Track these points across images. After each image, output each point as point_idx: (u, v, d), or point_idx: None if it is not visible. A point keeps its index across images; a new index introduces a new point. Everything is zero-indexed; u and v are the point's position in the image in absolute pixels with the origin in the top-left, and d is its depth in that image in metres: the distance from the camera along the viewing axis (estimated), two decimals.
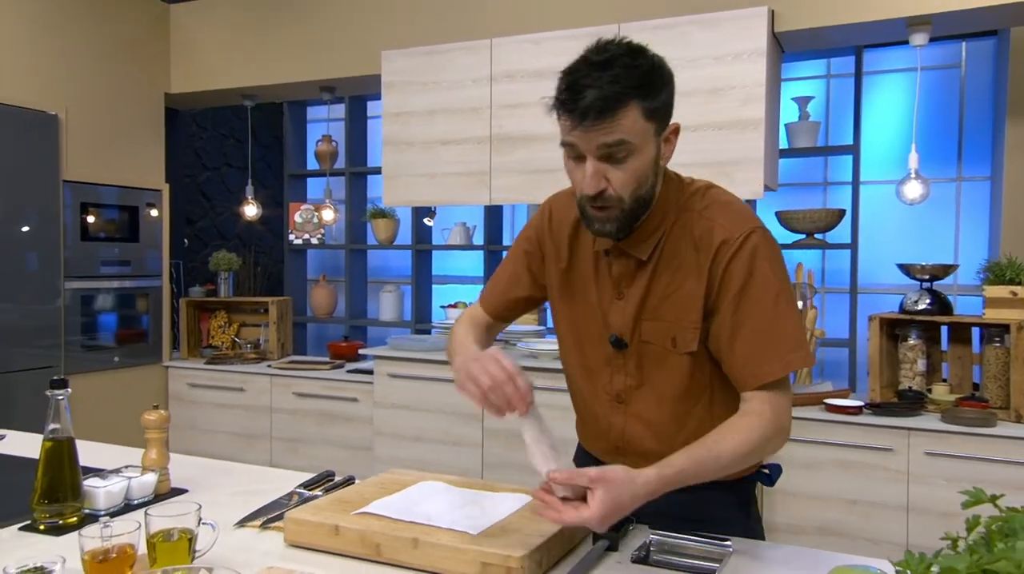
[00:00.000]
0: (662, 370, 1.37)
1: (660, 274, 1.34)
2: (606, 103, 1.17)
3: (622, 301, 1.38)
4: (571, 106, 1.20)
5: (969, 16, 2.85)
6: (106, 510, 1.45)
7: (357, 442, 3.71)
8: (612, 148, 1.20)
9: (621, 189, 1.24)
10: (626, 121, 1.19)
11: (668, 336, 1.34)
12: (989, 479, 2.66)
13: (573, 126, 1.21)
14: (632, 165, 1.23)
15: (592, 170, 1.22)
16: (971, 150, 3.76)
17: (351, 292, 4.73)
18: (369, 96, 4.75)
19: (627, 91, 1.18)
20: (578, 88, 1.19)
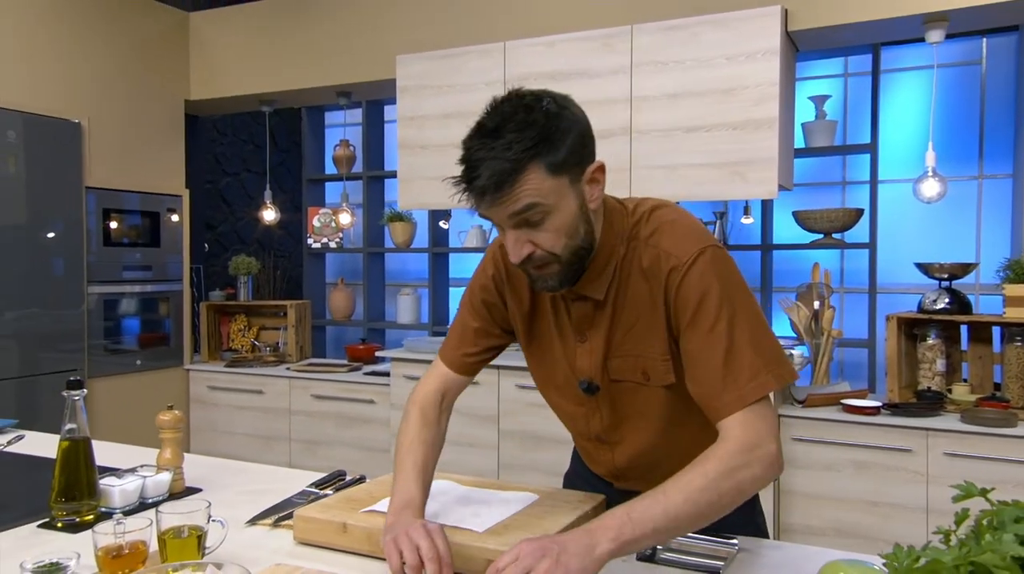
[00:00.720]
0: (637, 405, 1.32)
1: (620, 311, 1.27)
2: (502, 177, 1.11)
3: (586, 343, 1.31)
4: (468, 187, 1.15)
5: (987, 11, 2.82)
6: (121, 508, 1.48)
7: (374, 443, 3.73)
8: (524, 215, 1.14)
9: (551, 247, 1.17)
10: (529, 186, 1.12)
11: (638, 370, 1.28)
12: (1010, 480, 2.62)
13: (478, 204, 1.16)
14: (553, 223, 1.16)
15: (512, 240, 1.17)
16: (992, 147, 3.72)
17: (369, 295, 4.77)
18: (386, 100, 4.78)
19: (522, 156, 1.11)
20: (473, 165, 1.14)
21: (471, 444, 3.43)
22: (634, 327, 1.26)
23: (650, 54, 3.12)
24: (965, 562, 0.59)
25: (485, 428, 3.41)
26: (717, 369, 1.16)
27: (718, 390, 1.15)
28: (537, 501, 1.40)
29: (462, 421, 3.45)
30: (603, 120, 3.21)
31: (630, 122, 3.16)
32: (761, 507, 1.52)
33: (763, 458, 1.11)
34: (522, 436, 3.33)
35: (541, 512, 1.35)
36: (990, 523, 0.64)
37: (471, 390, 3.42)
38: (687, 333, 1.19)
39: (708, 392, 1.17)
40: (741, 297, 1.20)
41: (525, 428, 3.32)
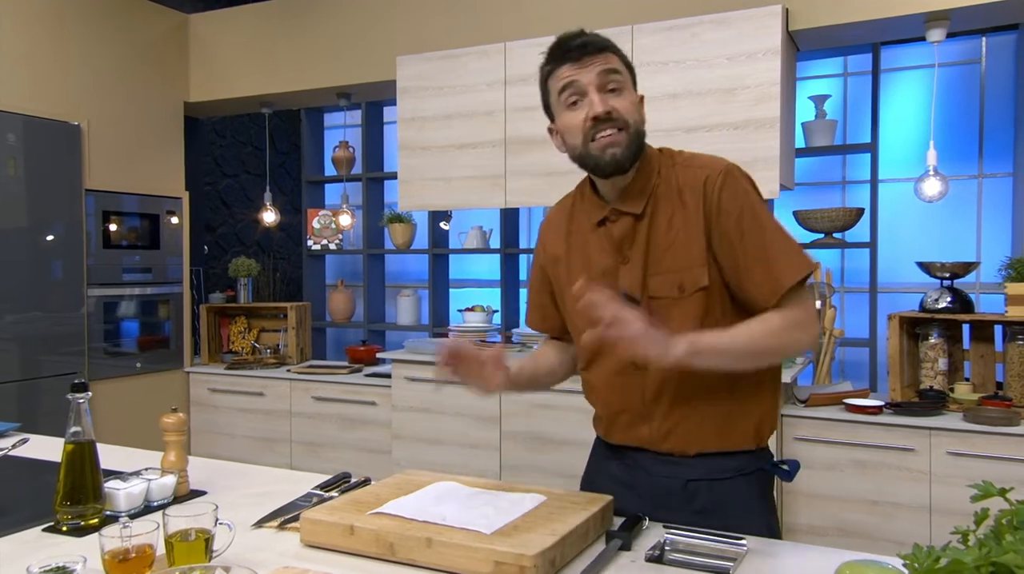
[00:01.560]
0: (673, 321, 1.39)
1: (656, 227, 1.42)
2: (596, 42, 1.38)
3: (627, 264, 1.44)
4: (567, 47, 1.38)
5: (988, 10, 2.82)
6: (127, 511, 1.47)
7: (376, 445, 3.73)
8: (609, 76, 1.36)
9: (625, 112, 1.37)
10: (612, 59, 1.38)
11: (674, 285, 1.40)
12: (1014, 479, 2.62)
13: (571, 67, 1.37)
14: (628, 96, 1.39)
15: (597, 96, 1.36)
16: (992, 146, 3.72)
17: (369, 297, 4.76)
18: (385, 102, 4.77)
19: (606, 41, 1.40)
20: (568, 39, 1.39)
21: (473, 445, 3.42)
22: (672, 246, 1.40)
23: (650, 54, 3.12)
24: (986, 562, 0.58)
25: (487, 429, 3.40)
26: (770, 249, 1.35)
27: (775, 268, 1.35)
28: (544, 502, 1.39)
29: (463, 422, 3.44)
30: None
31: None
32: (775, 506, 1.53)
33: (811, 332, 1.38)
34: (525, 437, 3.32)
35: (548, 513, 1.34)
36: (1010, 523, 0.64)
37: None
38: (735, 229, 1.36)
39: (765, 271, 1.35)
40: (763, 203, 1.41)
41: (528, 429, 3.32)
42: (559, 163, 3.29)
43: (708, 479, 1.45)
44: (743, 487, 1.45)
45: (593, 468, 1.65)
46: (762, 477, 1.49)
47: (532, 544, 1.19)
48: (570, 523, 1.29)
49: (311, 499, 1.56)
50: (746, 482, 1.46)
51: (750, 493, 1.46)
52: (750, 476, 1.46)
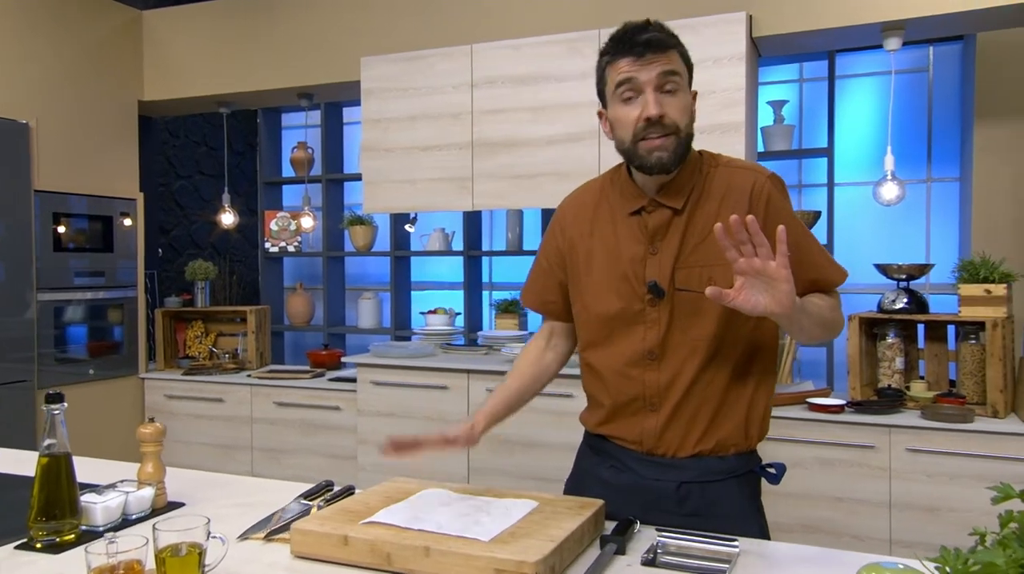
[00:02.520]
0: (696, 316, 1.43)
1: (693, 223, 1.44)
2: (660, 40, 1.38)
3: (657, 255, 1.45)
4: (631, 42, 1.38)
5: (941, 21, 2.91)
6: (104, 526, 1.43)
7: (340, 451, 3.68)
8: (668, 77, 1.37)
9: (677, 117, 1.38)
10: (674, 59, 1.39)
11: (704, 279, 1.41)
12: (969, 474, 2.71)
13: (632, 62, 1.37)
14: (682, 98, 1.40)
15: (652, 97, 1.36)
16: (940, 152, 3.84)
17: (329, 300, 4.70)
18: (345, 102, 4.72)
19: (671, 38, 1.40)
20: (633, 32, 1.39)
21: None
22: (706, 242, 1.42)
23: None
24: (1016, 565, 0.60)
25: None
26: (817, 260, 1.44)
27: (824, 269, 1.45)
28: (537, 508, 1.39)
29: (432, 426, 3.42)
30: (571, 124, 3.22)
31: (598, 126, 3.17)
32: (763, 508, 1.55)
33: (840, 325, 1.48)
34: (492, 441, 3.31)
35: (543, 519, 1.34)
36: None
37: (440, 395, 3.40)
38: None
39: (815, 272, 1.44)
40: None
41: (496, 432, 3.29)
42: (527, 166, 3.32)
43: (700, 482, 1.46)
44: (734, 489, 1.47)
45: (580, 471, 1.65)
46: (752, 479, 1.52)
47: (532, 550, 1.19)
48: (566, 528, 1.29)
49: (296, 509, 1.53)
50: (737, 484, 1.48)
51: (741, 495, 1.48)
52: (741, 478, 1.49)
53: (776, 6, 3.01)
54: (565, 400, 3.16)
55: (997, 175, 3.42)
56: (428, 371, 3.42)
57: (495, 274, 4.68)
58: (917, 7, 2.84)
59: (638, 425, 1.49)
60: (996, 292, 2.88)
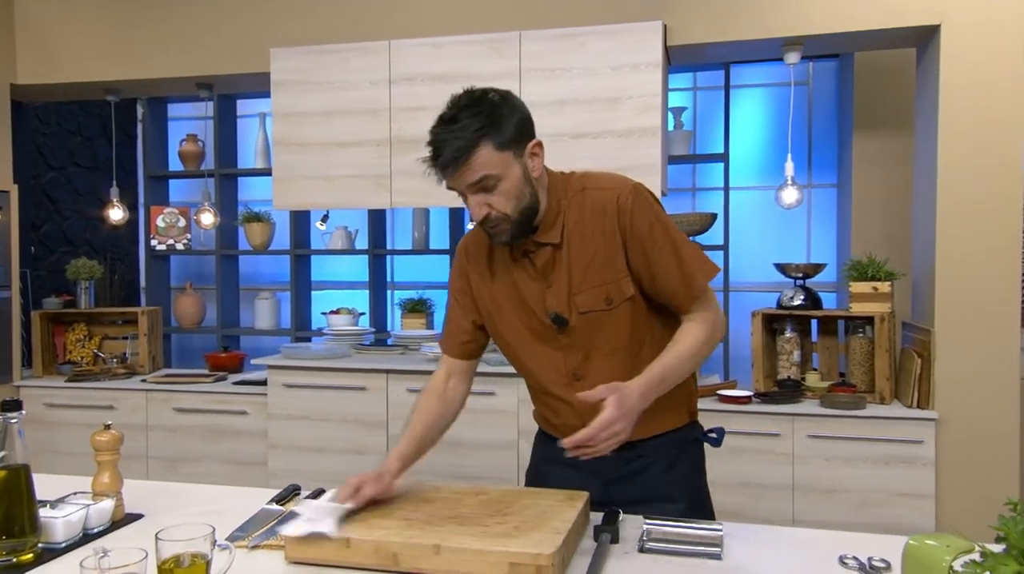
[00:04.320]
0: (604, 331, 1.54)
1: (575, 251, 1.52)
2: (459, 153, 1.41)
3: (552, 287, 1.55)
4: (434, 164, 1.45)
5: (834, 39, 3.15)
6: (65, 542, 1.32)
7: (247, 457, 3.53)
8: (479, 183, 1.43)
9: (503, 208, 1.45)
10: (481, 160, 1.42)
11: (601, 298, 1.52)
12: (861, 456, 2.95)
13: (444, 177, 1.46)
14: (503, 188, 1.45)
15: (473, 204, 1.46)
16: (818, 160, 4.14)
17: (222, 300, 4.49)
18: (239, 94, 4.53)
19: (474, 136, 1.41)
20: (437, 146, 1.44)
21: (359, 452, 3.33)
22: (592, 262, 1.52)
23: (538, 61, 3.20)
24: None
25: (374, 434, 3.33)
26: (679, 258, 1.49)
27: (687, 273, 1.50)
28: (531, 502, 1.41)
29: (349, 428, 3.35)
30: None
31: None
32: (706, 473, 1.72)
33: (721, 328, 1.55)
34: None
35: (541, 512, 1.36)
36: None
37: (357, 396, 3.33)
38: (649, 242, 1.49)
39: (678, 277, 1.50)
40: (667, 217, 1.54)
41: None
42: None
43: (650, 455, 1.60)
44: (683, 456, 1.64)
45: (539, 457, 1.75)
46: (696, 446, 1.69)
47: (545, 543, 1.21)
48: (567, 520, 1.31)
49: (271, 516, 1.47)
50: (684, 452, 1.64)
51: (687, 462, 1.65)
52: (686, 446, 1.65)
53: (689, 17, 3.16)
54: (488, 398, 3.18)
55: (873, 182, 3.73)
56: (345, 372, 3.34)
57: (397, 273, 4.63)
58: (815, 26, 3.05)
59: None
60: (882, 289, 3.15)
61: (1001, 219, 2.91)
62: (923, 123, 3.20)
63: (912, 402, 3.01)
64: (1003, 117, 2.89)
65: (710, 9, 3.14)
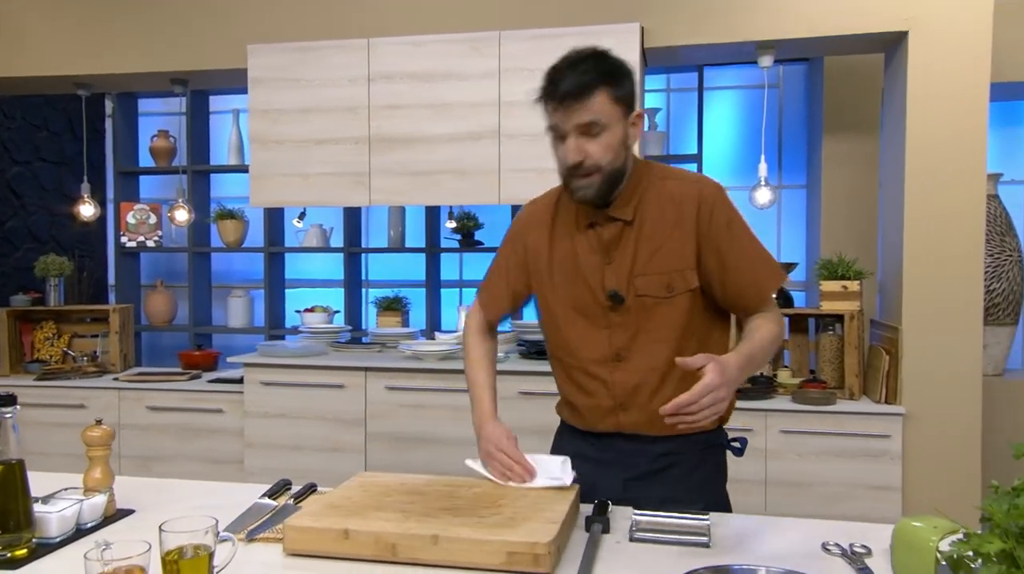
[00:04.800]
0: (657, 318, 1.54)
1: (645, 233, 1.53)
2: (580, 88, 1.42)
3: (612, 264, 1.55)
4: (551, 92, 1.45)
5: (807, 43, 3.22)
6: (59, 537, 1.32)
7: (223, 455, 3.50)
8: (588, 125, 1.44)
9: (599, 158, 1.46)
10: (596, 103, 1.44)
11: (662, 285, 1.53)
12: (832, 450, 3.03)
13: (555, 109, 1.46)
14: (605, 139, 1.46)
15: (573, 144, 1.46)
16: (788, 161, 4.23)
17: (194, 298, 4.45)
18: (211, 90, 4.49)
19: (597, 79, 1.44)
20: (557, 79, 1.45)
21: (336, 449, 3.33)
22: (660, 248, 1.52)
23: (517, 61, 3.23)
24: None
25: (351, 432, 3.33)
26: (756, 260, 1.55)
27: (760, 276, 1.55)
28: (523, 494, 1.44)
29: (326, 426, 3.34)
30: (472, 122, 3.27)
31: (499, 126, 3.24)
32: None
33: (783, 330, 1.56)
34: (391, 438, 3.29)
35: (534, 503, 1.39)
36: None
37: (336, 393, 3.33)
38: (725, 242, 1.52)
39: (751, 278, 1.54)
40: (744, 221, 1.59)
41: (394, 430, 3.29)
42: (425, 163, 3.32)
43: (676, 453, 1.59)
44: (706, 460, 1.62)
45: (559, 452, 1.70)
46: (719, 452, 1.67)
47: (541, 532, 1.24)
48: (560, 511, 1.34)
49: (264, 509, 1.48)
50: (709, 456, 1.63)
51: (712, 466, 1.64)
52: (711, 450, 1.64)
53: (666, 20, 3.21)
54: (465, 395, 3.19)
55: (841, 183, 3.82)
56: (323, 370, 3.34)
57: (372, 271, 4.63)
58: (788, 30, 3.12)
59: (612, 421, 1.60)
60: (851, 288, 3.23)
61: (965, 222, 3.00)
62: (891, 127, 3.28)
63: (880, 398, 3.10)
64: (968, 123, 2.98)
65: (687, 12, 3.20)
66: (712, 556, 1.29)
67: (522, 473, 1.48)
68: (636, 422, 1.57)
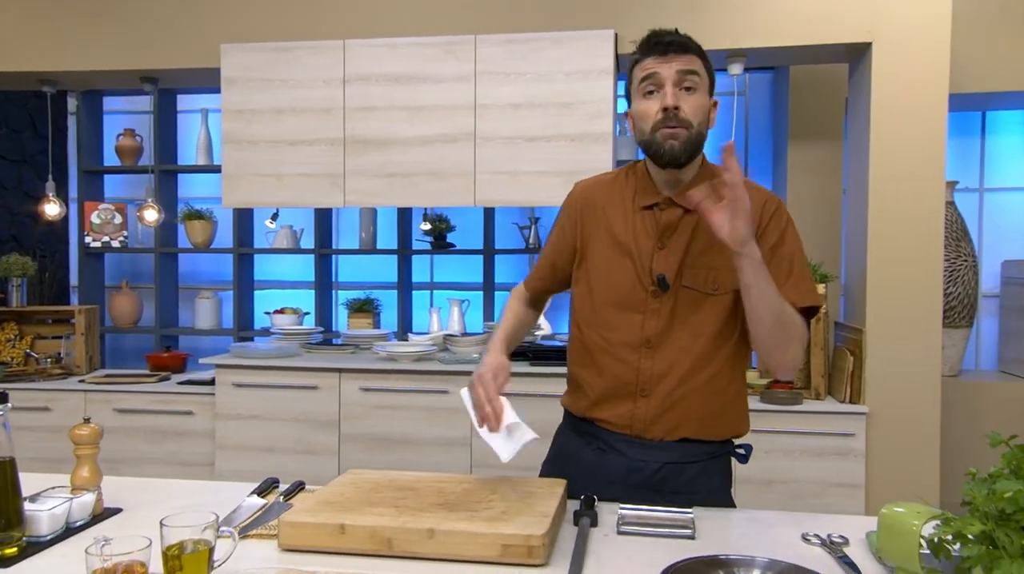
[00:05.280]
0: (698, 313, 1.53)
1: (701, 225, 1.50)
2: (684, 43, 1.50)
3: (664, 250, 1.54)
4: (655, 41, 1.50)
5: (775, 52, 3.31)
6: (49, 536, 1.31)
7: (193, 458, 3.47)
8: (687, 76, 1.48)
9: (691, 113, 1.48)
10: (696, 62, 1.50)
11: (710, 281, 1.52)
12: (797, 449, 3.11)
13: (655, 60, 1.49)
14: (698, 98, 1.49)
15: (671, 90, 1.47)
16: (754, 166, 4.33)
17: (161, 299, 4.39)
18: (179, 89, 4.44)
19: (693, 44, 1.52)
20: (660, 34, 1.52)
21: (309, 451, 3.32)
22: (714, 243, 1.45)
23: (493, 65, 3.26)
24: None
25: (325, 434, 3.32)
26: (797, 277, 1.53)
27: (799, 291, 1.51)
28: (514, 489, 1.47)
29: (299, 428, 3.33)
30: (448, 125, 3.29)
31: (474, 128, 3.27)
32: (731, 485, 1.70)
33: (804, 344, 1.51)
34: (365, 439, 3.29)
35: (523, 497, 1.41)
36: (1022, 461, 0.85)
37: (309, 395, 3.32)
38: (775, 248, 1.52)
39: (788, 292, 1.48)
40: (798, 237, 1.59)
41: (368, 431, 3.29)
42: (401, 165, 3.33)
43: (681, 462, 1.58)
44: (711, 469, 1.61)
45: (561, 453, 1.71)
46: (725, 460, 1.66)
47: (534, 525, 1.27)
48: (550, 506, 1.37)
49: (255, 507, 1.49)
50: (714, 465, 1.62)
51: (717, 474, 1.63)
52: (717, 459, 1.62)
53: (640, 27, 3.23)
54: (442, 396, 3.22)
55: (807, 189, 3.93)
56: (297, 371, 3.33)
57: (342, 273, 4.62)
58: (758, 39, 3.20)
59: (628, 410, 1.57)
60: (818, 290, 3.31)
61: (925, 228, 3.11)
62: (855, 135, 3.39)
63: (845, 397, 3.19)
64: (928, 132, 3.09)
65: (660, 20, 3.24)
66: (698, 548, 1.33)
67: (489, 414, 1.45)
68: (649, 414, 1.55)
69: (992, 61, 3.50)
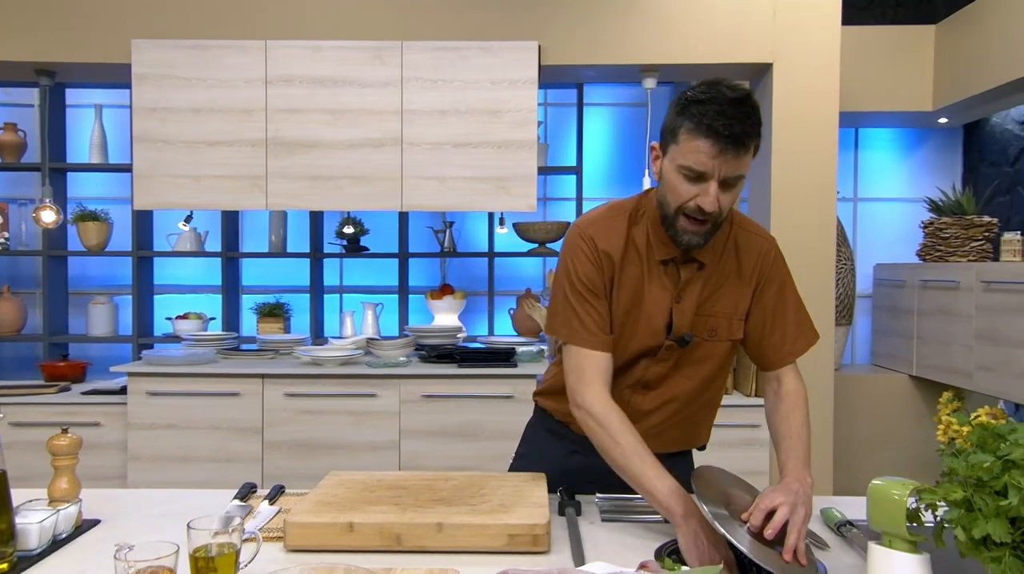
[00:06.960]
0: (697, 358, 1.57)
1: (711, 276, 1.53)
2: (747, 139, 1.33)
3: (680, 304, 1.53)
4: (721, 132, 1.30)
5: (685, 69, 3.52)
6: (38, 549, 1.27)
7: (104, 471, 3.30)
8: (736, 177, 1.37)
9: (726, 208, 1.41)
10: (748, 157, 1.37)
11: (708, 328, 1.54)
12: (713, 440, 3.30)
13: (709, 149, 1.32)
14: (737, 191, 1.42)
15: (713, 194, 1.36)
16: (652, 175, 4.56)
17: (49, 305, 4.13)
18: (68, 84, 4.20)
19: (756, 131, 1.35)
20: (727, 117, 1.30)
21: (231, 459, 3.23)
22: (718, 291, 1.52)
23: (420, 71, 3.30)
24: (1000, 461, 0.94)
25: (247, 441, 3.24)
26: (796, 322, 1.57)
27: (796, 336, 1.57)
28: (504, 484, 1.53)
29: (219, 435, 3.24)
30: (374, 129, 3.30)
31: (401, 134, 3.30)
32: None
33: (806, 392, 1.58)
34: (290, 445, 3.24)
35: (514, 491, 1.48)
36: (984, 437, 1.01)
37: (230, 402, 3.24)
38: (775, 296, 1.56)
39: (787, 337, 1.56)
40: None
41: (293, 437, 3.24)
42: (325, 168, 3.32)
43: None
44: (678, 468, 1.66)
45: (534, 453, 1.78)
46: (688, 455, 1.79)
47: (536, 515, 1.34)
48: (542, 497, 1.45)
49: (244, 512, 1.48)
50: (680, 462, 1.73)
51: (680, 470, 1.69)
52: (682, 455, 1.76)
53: (562, 40, 3.40)
54: (370, 400, 3.22)
55: None
56: (217, 378, 3.23)
57: (246, 277, 4.50)
58: (671, 55, 3.40)
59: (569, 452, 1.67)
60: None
61: (819, 234, 3.40)
62: None
63: (750, 391, 3.43)
64: (821, 146, 3.38)
65: (580, 34, 3.41)
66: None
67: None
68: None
69: (864, 82, 3.85)
